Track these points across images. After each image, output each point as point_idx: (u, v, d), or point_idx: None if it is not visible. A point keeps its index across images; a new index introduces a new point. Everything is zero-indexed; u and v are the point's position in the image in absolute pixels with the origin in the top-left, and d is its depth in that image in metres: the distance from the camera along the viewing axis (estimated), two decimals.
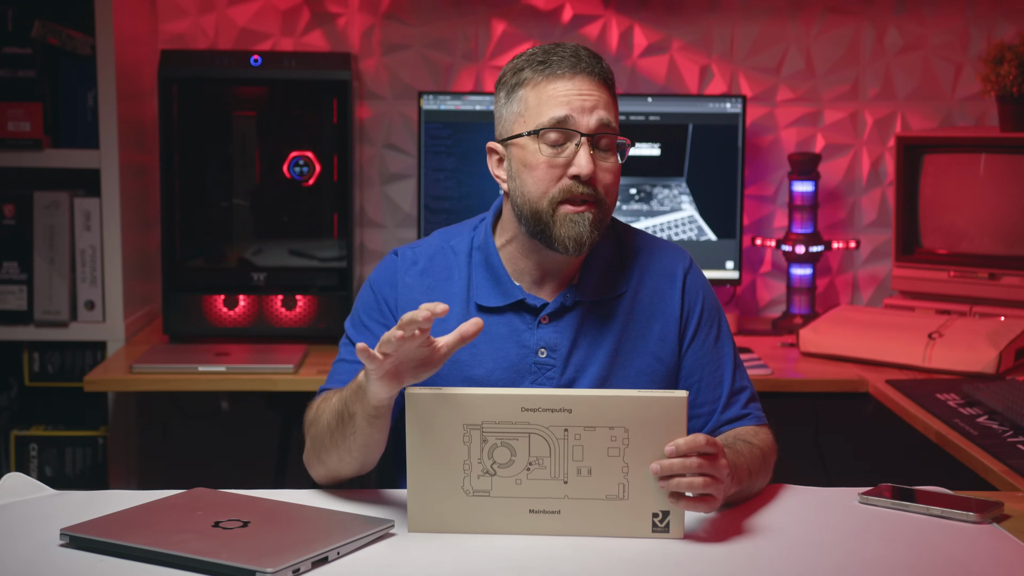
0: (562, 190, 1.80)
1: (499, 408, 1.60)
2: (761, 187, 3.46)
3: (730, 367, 1.93)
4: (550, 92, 1.80)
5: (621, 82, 3.40)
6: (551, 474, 1.60)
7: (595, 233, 1.82)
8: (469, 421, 1.60)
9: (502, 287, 1.89)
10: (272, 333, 3.07)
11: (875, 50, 3.42)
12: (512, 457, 1.60)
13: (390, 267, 1.94)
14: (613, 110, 1.83)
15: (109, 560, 1.51)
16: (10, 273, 3.02)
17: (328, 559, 1.50)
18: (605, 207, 1.82)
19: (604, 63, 1.84)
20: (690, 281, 1.94)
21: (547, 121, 1.79)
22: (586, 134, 1.79)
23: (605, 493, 1.60)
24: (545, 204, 1.81)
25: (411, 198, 3.40)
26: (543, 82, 1.81)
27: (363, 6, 3.38)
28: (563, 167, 1.80)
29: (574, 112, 1.79)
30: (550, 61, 1.81)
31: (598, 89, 1.81)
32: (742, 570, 1.51)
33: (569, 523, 1.61)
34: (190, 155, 3.07)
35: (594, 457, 1.59)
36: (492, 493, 1.61)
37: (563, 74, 1.80)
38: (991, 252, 3.05)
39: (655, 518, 1.60)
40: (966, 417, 2.40)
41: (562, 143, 1.80)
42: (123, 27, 3.04)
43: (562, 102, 1.79)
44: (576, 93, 1.79)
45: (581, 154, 1.79)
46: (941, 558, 1.55)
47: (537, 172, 1.80)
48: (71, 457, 3.09)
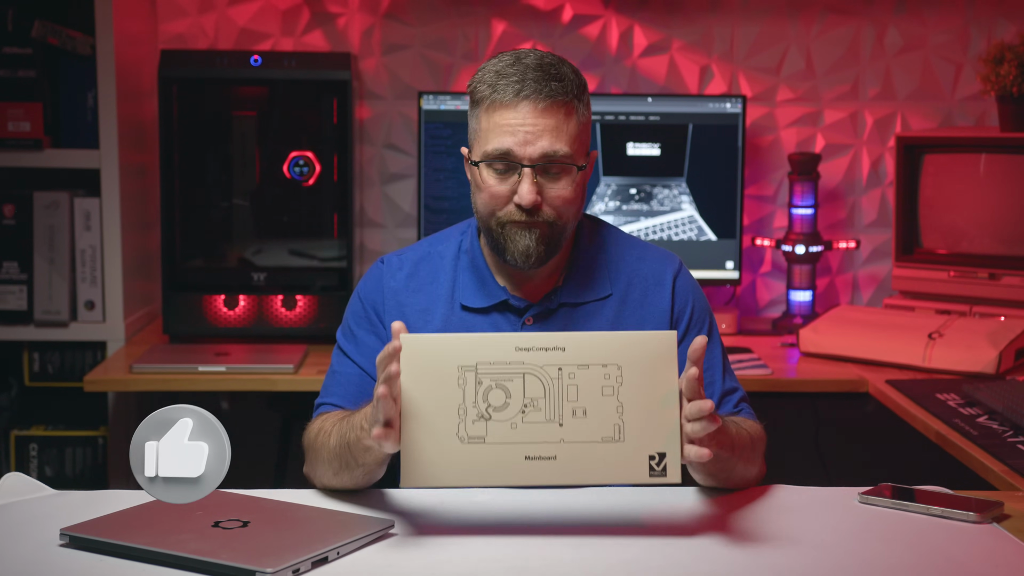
0: (508, 213, 1.82)
1: (494, 349, 1.60)
2: (761, 187, 3.46)
3: (720, 368, 1.94)
4: (495, 120, 1.80)
5: (621, 82, 3.40)
6: (546, 416, 1.60)
7: (542, 248, 1.83)
8: (464, 363, 1.59)
9: (486, 288, 1.91)
10: (272, 333, 3.07)
11: (875, 50, 3.42)
12: (507, 399, 1.59)
13: (376, 275, 1.97)
14: (564, 131, 1.79)
15: (109, 560, 1.51)
16: (10, 273, 3.02)
17: (328, 559, 1.50)
18: (557, 227, 1.83)
19: (554, 83, 1.79)
20: (680, 284, 1.95)
21: (491, 151, 1.80)
22: (527, 165, 1.79)
23: (601, 435, 1.59)
24: (493, 223, 1.84)
25: (411, 198, 3.40)
26: (490, 108, 1.81)
27: (363, 6, 3.38)
28: (509, 194, 1.81)
29: (516, 143, 1.79)
30: (497, 86, 1.80)
31: (544, 115, 1.78)
32: (742, 570, 1.51)
33: (565, 470, 1.60)
34: (190, 155, 3.07)
35: (589, 397, 1.59)
36: (487, 439, 1.59)
37: (507, 102, 1.79)
38: (991, 252, 3.05)
39: (652, 460, 1.59)
40: (966, 417, 2.40)
41: (507, 170, 1.81)
42: (123, 27, 3.04)
43: (505, 132, 1.79)
44: (519, 123, 1.78)
45: (523, 184, 1.79)
46: (941, 558, 1.55)
47: (483, 196, 1.84)
48: (71, 457, 3.09)
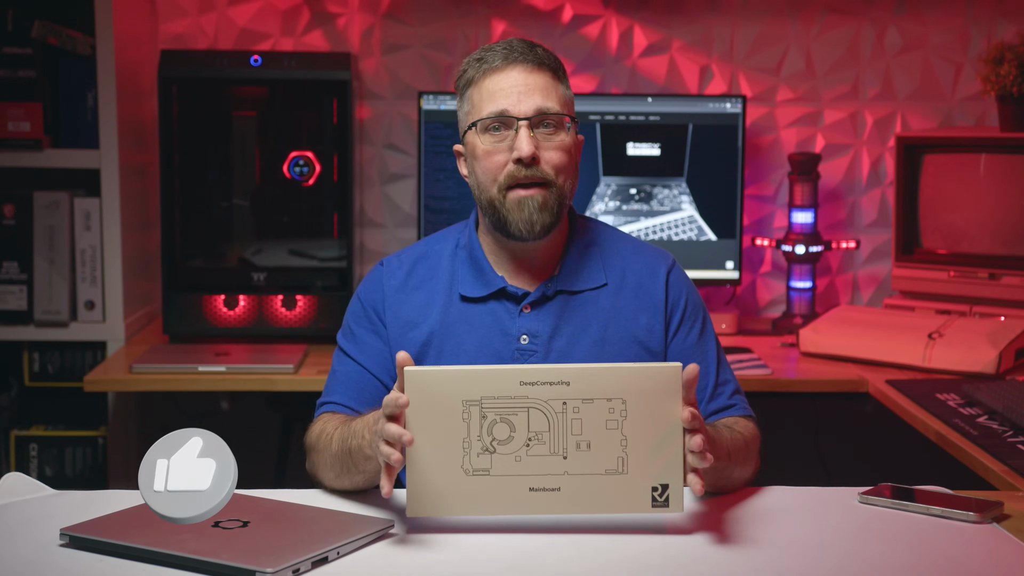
0: (508, 175, 1.86)
1: (498, 383, 1.60)
2: (761, 187, 3.46)
3: (714, 361, 1.96)
4: (488, 86, 1.88)
5: (621, 82, 3.40)
6: (550, 449, 1.61)
7: (546, 215, 1.87)
8: (468, 397, 1.60)
9: (484, 277, 1.94)
10: (272, 333, 3.07)
11: (875, 50, 3.42)
12: (511, 433, 1.60)
13: (376, 276, 2.01)
14: (554, 92, 1.88)
15: (109, 560, 1.51)
16: (10, 273, 3.02)
17: (328, 559, 1.50)
18: (557, 187, 1.87)
19: (540, 49, 1.90)
20: (673, 277, 1.99)
21: (486, 114, 1.87)
22: (522, 118, 1.85)
23: (604, 468, 1.60)
24: (495, 192, 1.88)
25: (411, 198, 3.40)
26: (481, 78, 1.89)
27: (363, 6, 3.38)
28: (507, 152, 1.86)
29: (510, 100, 1.86)
30: (485, 57, 1.89)
31: (533, 73, 1.87)
32: (742, 570, 1.51)
33: (569, 501, 1.61)
34: (190, 155, 3.07)
35: (593, 430, 1.60)
36: (492, 472, 1.61)
37: (498, 66, 1.87)
38: (991, 252, 3.05)
39: (655, 492, 1.61)
40: (966, 417, 2.40)
41: (503, 131, 1.87)
42: (123, 27, 3.04)
43: (498, 93, 1.87)
44: (511, 85, 1.87)
45: (520, 137, 1.85)
46: (941, 558, 1.55)
47: (484, 161, 1.88)
48: (71, 457, 3.09)
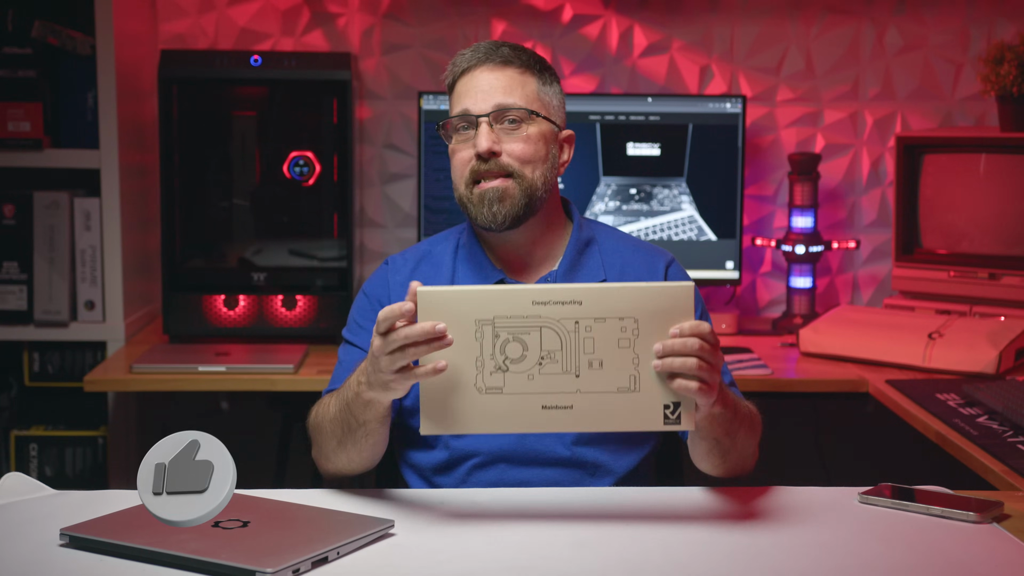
0: (470, 170, 1.91)
1: (511, 302, 1.61)
2: (761, 187, 3.46)
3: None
4: (458, 89, 1.95)
5: (621, 82, 3.40)
6: (563, 368, 1.61)
7: (507, 205, 1.90)
8: (481, 316, 1.60)
9: (483, 271, 1.98)
10: (272, 333, 3.07)
11: (875, 50, 3.42)
12: (524, 352, 1.61)
13: (381, 273, 2.05)
14: (519, 88, 1.92)
15: (109, 560, 1.51)
16: (10, 273, 3.02)
17: (328, 559, 1.50)
18: (523, 178, 1.91)
19: (507, 48, 1.94)
20: (672, 274, 2.03)
21: (453, 114, 1.93)
22: (481, 115, 1.89)
23: (616, 386, 1.61)
24: (463, 188, 1.93)
25: (411, 198, 3.40)
26: (454, 83, 1.96)
27: (363, 6, 3.38)
28: (471, 148, 1.91)
29: (472, 100, 1.92)
30: (456, 62, 1.97)
31: (495, 71, 1.92)
32: (742, 570, 1.51)
33: (582, 418, 1.62)
34: (190, 155, 3.07)
35: (605, 349, 1.61)
36: (505, 390, 1.62)
37: (466, 69, 1.94)
38: (991, 252, 3.05)
39: (667, 409, 1.62)
40: (966, 417, 2.40)
41: (469, 130, 1.92)
42: (123, 27, 3.04)
43: (464, 95, 1.93)
44: (475, 85, 1.93)
45: (479, 133, 1.90)
46: (941, 558, 1.55)
47: (453, 160, 1.95)
48: (71, 457, 3.09)
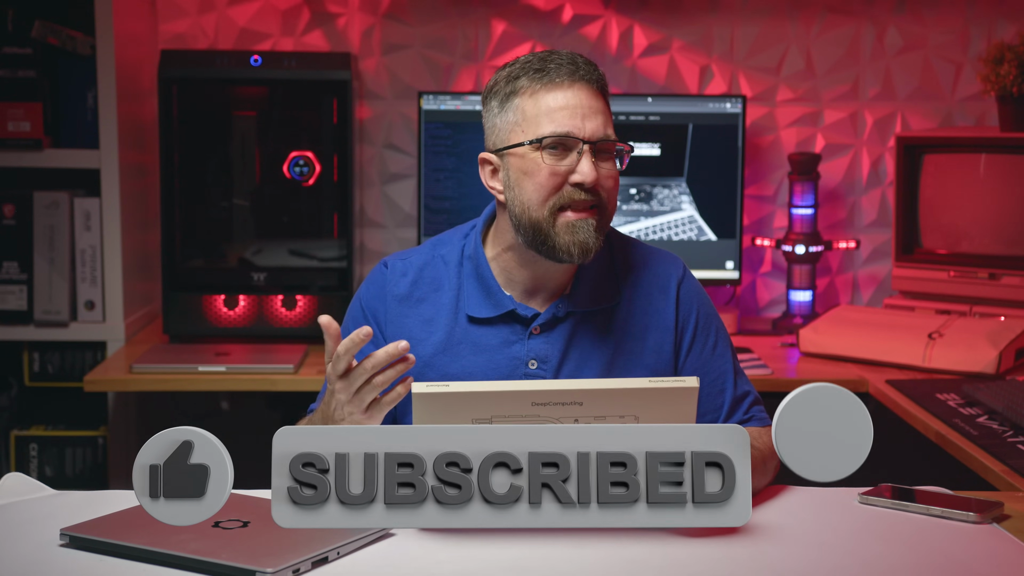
0: (565, 197, 1.79)
1: (510, 403, 1.58)
2: (761, 187, 3.46)
3: (731, 373, 1.92)
4: (549, 102, 1.79)
5: (621, 82, 3.40)
6: None
7: (599, 239, 1.81)
8: (479, 416, 1.57)
9: (493, 298, 1.88)
10: (272, 333, 3.07)
11: (875, 50, 3.42)
12: None
13: (379, 280, 1.93)
14: (609, 118, 1.83)
15: (109, 560, 1.51)
16: (10, 273, 3.02)
17: (328, 559, 1.50)
18: (607, 213, 1.82)
19: (599, 71, 1.84)
20: (684, 291, 1.93)
21: (548, 131, 1.78)
22: (588, 141, 1.78)
23: None
24: (546, 212, 1.79)
25: (411, 198, 3.40)
26: (541, 90, 1.79)
27: (363, 6, 3.38)
28: (564, 175, 1.78)
29: (575, 121, 1.78)
30: (547, 69, 1.79)
31: (596, 97, 1.81)
32: (742, 570, 1.51)
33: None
34: (190, 155, 3.07)
35: None
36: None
37: (561, 82, 1.79)
38: (991, 252, 3.05)
39: None
40: (966, 417, 2.40)
41: (563, 151, 1.78)
42: (123, 27, 3.04)
43: (563, 113, 1.78)
44: (576, 104, 1.78)
45: (584, 162, 1.77)
46: (941, 558, 1.55)
47: (538, 179, 1.79)
48: (71, 457, 3.09)
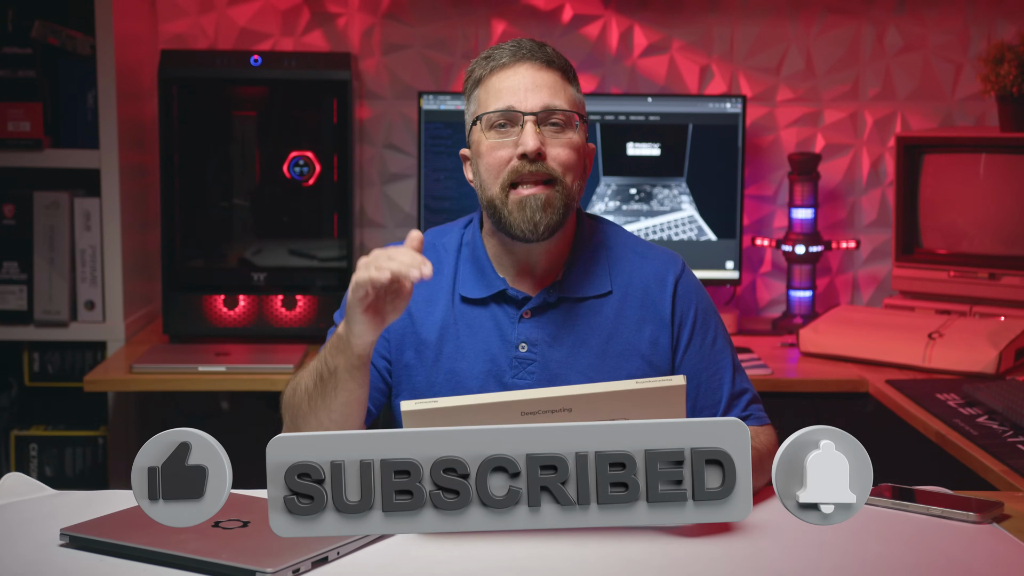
0: (511, 171, 1.82)
1: (499, 415, 1.58)
2: (761, 187, 3.46)
3: (729, 370, 1.92)
4: (495, 84, 1.85)
5: (621, 82, 3.40)
6: None
7: (550, 214, 1.82)
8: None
9: (485, 279, 1.91)
10: (272, 333, 3.07)
11: (875, 50, 3.43)
12: None
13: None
14: (562, 91, 1.85)
15: (109, 560, 1.51)
16: (10, 273, 3.03)
17: (328, 559, 1.50)
18: (563, 186, 1.83)
19: (549, 48, 1.87)
20: (682, 287, 1.93)
21: (492, 110, 1.84)
22: (528, 113, 1.81)
23: None
24: (497, 190, 1.83)
25: (411, 198, 3.40)
26: (488, 76, 1.86)
27: (363, 6, 3.38)
28: (511, 148, 1.82)
29: (516, 95, 1.83)
30: (492, 55, 1.87)
31: (542, 71, 1.84)
32: (742, 570, 1.51)
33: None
34: (190, 155, 3.07)
35: None
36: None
37: (505, 63, 1.85)
38: (991, 252, 3.05)
39: None
40: (966, 417, 2.40)
41: (510, 127, 1.83)
42: (123, 27, 3.04)
43: (504, 90, 1.84)
44: (519, 81, 1.83)
45: (525, 131, 1.81)
46: (941, 558, 1.55)
47: (487, 158, 1.84)
48: (71, 457, 3.09)
